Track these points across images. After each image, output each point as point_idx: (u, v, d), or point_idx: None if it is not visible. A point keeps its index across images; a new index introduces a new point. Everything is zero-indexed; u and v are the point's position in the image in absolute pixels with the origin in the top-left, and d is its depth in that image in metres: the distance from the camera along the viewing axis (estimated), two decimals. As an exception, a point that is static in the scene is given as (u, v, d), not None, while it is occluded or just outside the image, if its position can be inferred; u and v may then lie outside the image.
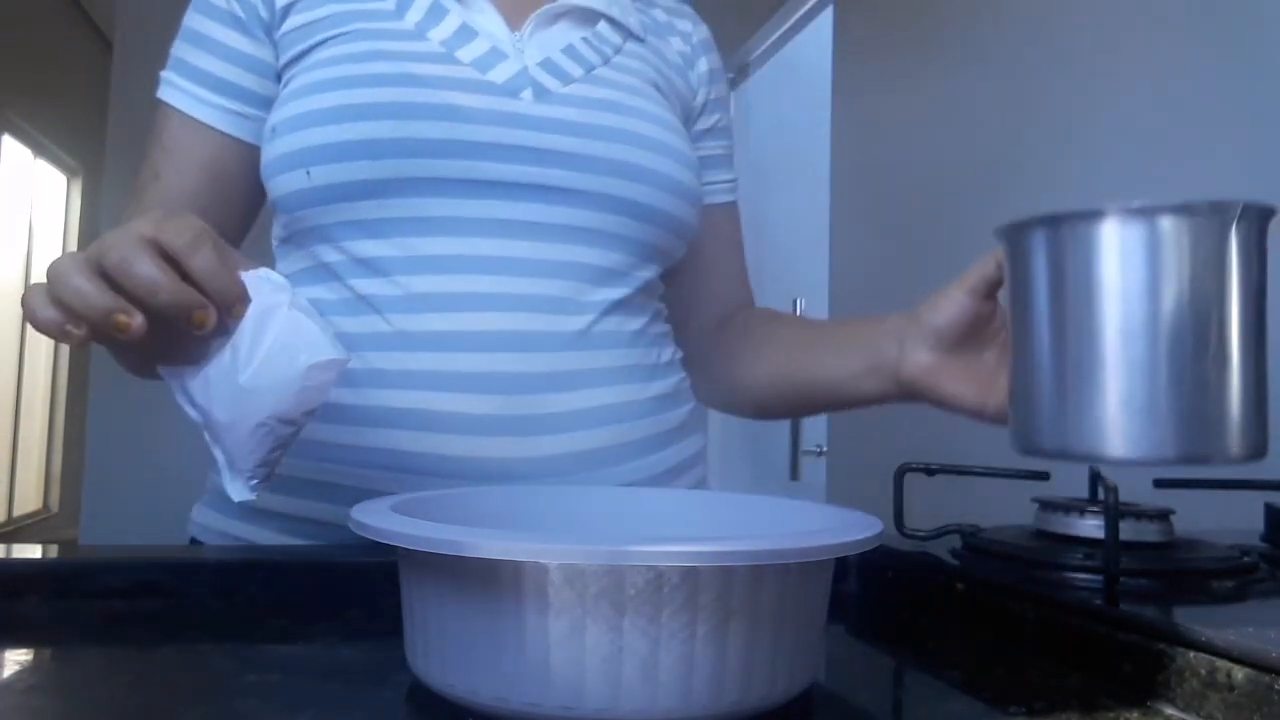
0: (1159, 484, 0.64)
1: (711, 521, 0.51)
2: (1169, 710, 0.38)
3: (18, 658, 0.45)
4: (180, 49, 0.73)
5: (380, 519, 0.37)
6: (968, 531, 0.59)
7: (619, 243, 0.71)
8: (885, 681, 0.48)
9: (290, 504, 0.67)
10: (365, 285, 0.68)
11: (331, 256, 0.69)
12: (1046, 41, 1.45)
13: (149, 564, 0.53)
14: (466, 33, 0.71)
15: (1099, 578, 0.49)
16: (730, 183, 0.89)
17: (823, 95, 2.30)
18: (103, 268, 0.46)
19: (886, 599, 0.58)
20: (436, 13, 0.71)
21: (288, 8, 0.71)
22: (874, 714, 0.42)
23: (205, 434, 0.51)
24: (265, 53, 0.72)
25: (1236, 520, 0.65)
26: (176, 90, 0.72)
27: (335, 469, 0.66)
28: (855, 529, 0.38)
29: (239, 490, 0.50)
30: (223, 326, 0.48)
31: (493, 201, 0.67)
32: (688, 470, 0.76)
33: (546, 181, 0.68)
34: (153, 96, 0.73)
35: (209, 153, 0.72)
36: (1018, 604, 0.48)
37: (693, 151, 0.77)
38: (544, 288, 0.68)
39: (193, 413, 0.50)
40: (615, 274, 0.71)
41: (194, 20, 0.73)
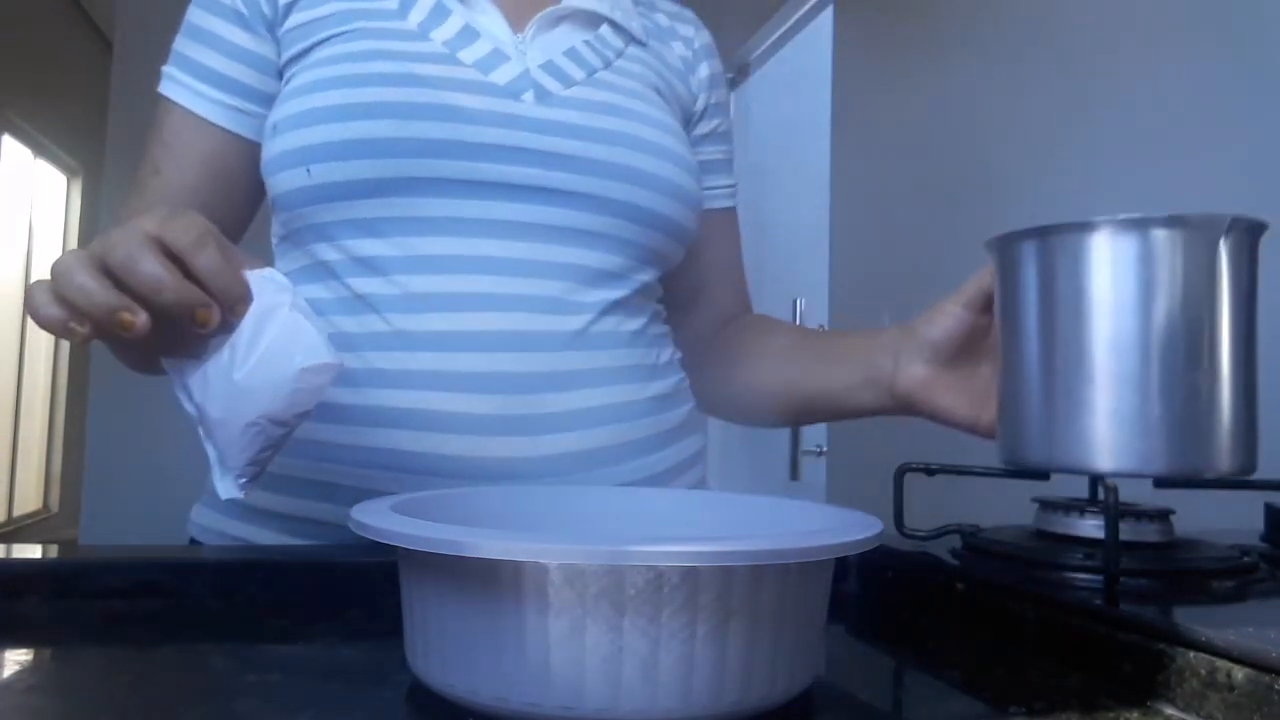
0: (1159, 484, 0.64)
1: (711, 521, 0.51)
2: (1169, 710, 0.38)
3: (18, 658, 0.45)
4: (182, 44, 0.73)
5: (380, 519, 0.37)
6: (968, 531, 0.59)
7: (618, 245, 0.71)
8: (885, 681, 0.48)
9: (290, 504, 0.67)
10: (364, 284, 0.68)
11: (330, 255, 0.69)
12: (1047, 41, 1.45)
13: (149, 564, 0.53)
14: (469, 34, 0.71)
15: (1099, 578, 0.49)
16: (730, 188, 0.89)
17: (823, 95, 2.30)
18: (107, 266, 0.46)
19: (886, 599, 0.58)
20: (439, 13, 0.71)
21: (290, 5, 0.71)
22: (874, 714, 0.42)
23: (199, 429, 0.51)
24: (267, 49, 0.72)
25: (1236, 520, 0.65)
26: (178, 85, 0.72)
27: (335, 469, 0.66)
28: (855, 529, 0.38)
29: (227, 488, 0.51)
30: (225, 325, 0.48)
31: (493, 202, 0.67)
32: (687, 470, 0.76)
33: (547, 183, 0.68)
34: (153, 97, 0.73)
35: (209, 148, 0.72)
36: (1018, 604, 0.48)
37: (693, 156, 0.77)
38: (542, 288, 0.68)
39: (189, 406, 0.50)
40: (613, 276, 0.71)
41: (196, 15, 0.73)
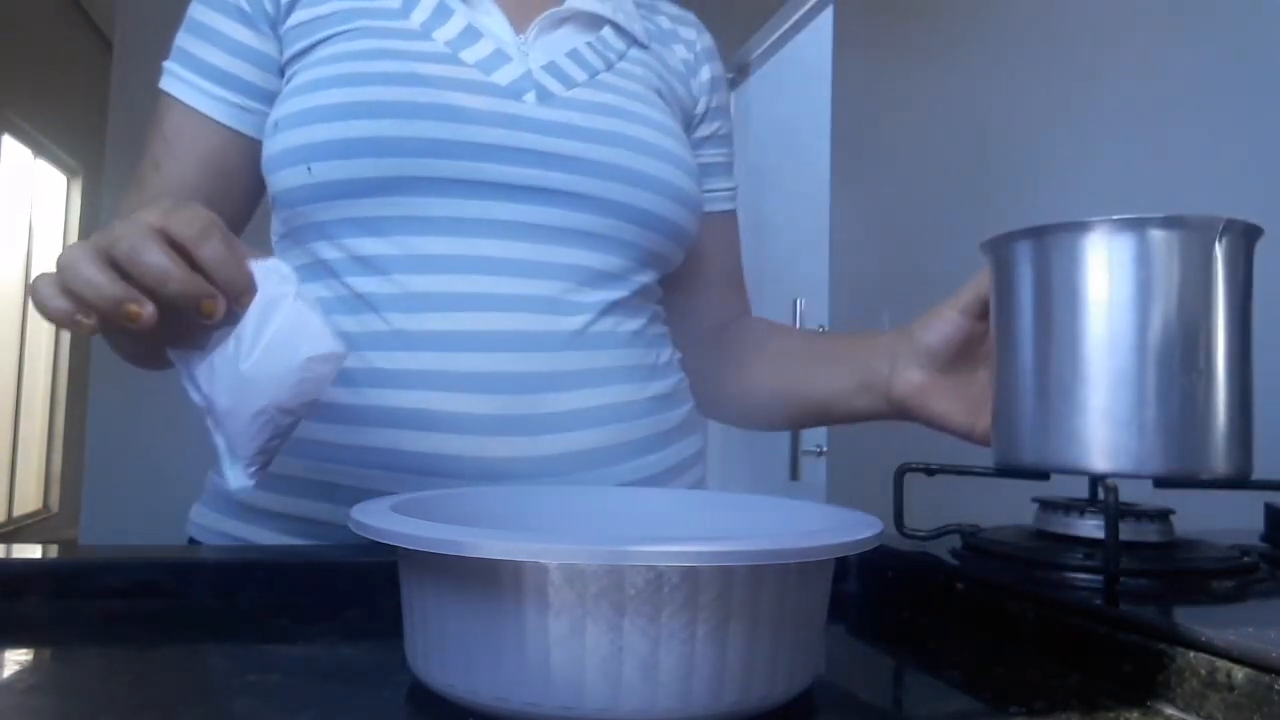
0: (1159, 484, 0.64)
1: (711, 521, 0.51)
2: (1169, 710, 0.38)
3: (18, 658, 0.45)
4: (184, 40, 0.73)
5: (380, 519, 0.37)
6: (968, 531, 0.59)
7: (618, 246, 0.71)
8: (885, 681, 0.48)
9: (290, 504, 0.67)
10: (363, 284, 0.67)
11: (330, 254, 0.69)
12: (1047, 40, 1.45)
13: (149, 564, 0.53)
14: (471, 34, 0.71)
15: (1099, 578, 0.49)
16: (730, 191, 0.89)
17: (823, 95, 2.30)
18: (112, 257, 0.46)
19: (886, 599, 0.58)
20: (442, 13, 0.71)
21: (293, 2, 0.71)
22: (874, 714, 0.42)
23: (207, 420, 0.51)
24: (269, 47, 0.72)
25: (1236, 520, 0.65)
26: (179, 81, 0.72)
27: (335, 469, 0.66)
28: (855, 529, 0.38)
29: (237, 477, 0.51)
30: (230, 316, 0.48)
31: (493, 202, 0.67)
32: (687, 470, 0.76)
33: (548, 184, 0.68)
34: (153, 97, 0.73)
35: (209, 145, 0.72)
36: (1018, 604, 0.48)
37: (693, 159, 0.77)
38: (542, 288, 0.68)
39: (196, 397, 0.51)
40: (613, 277, 0.71)
41: (198, 11, 0.73)
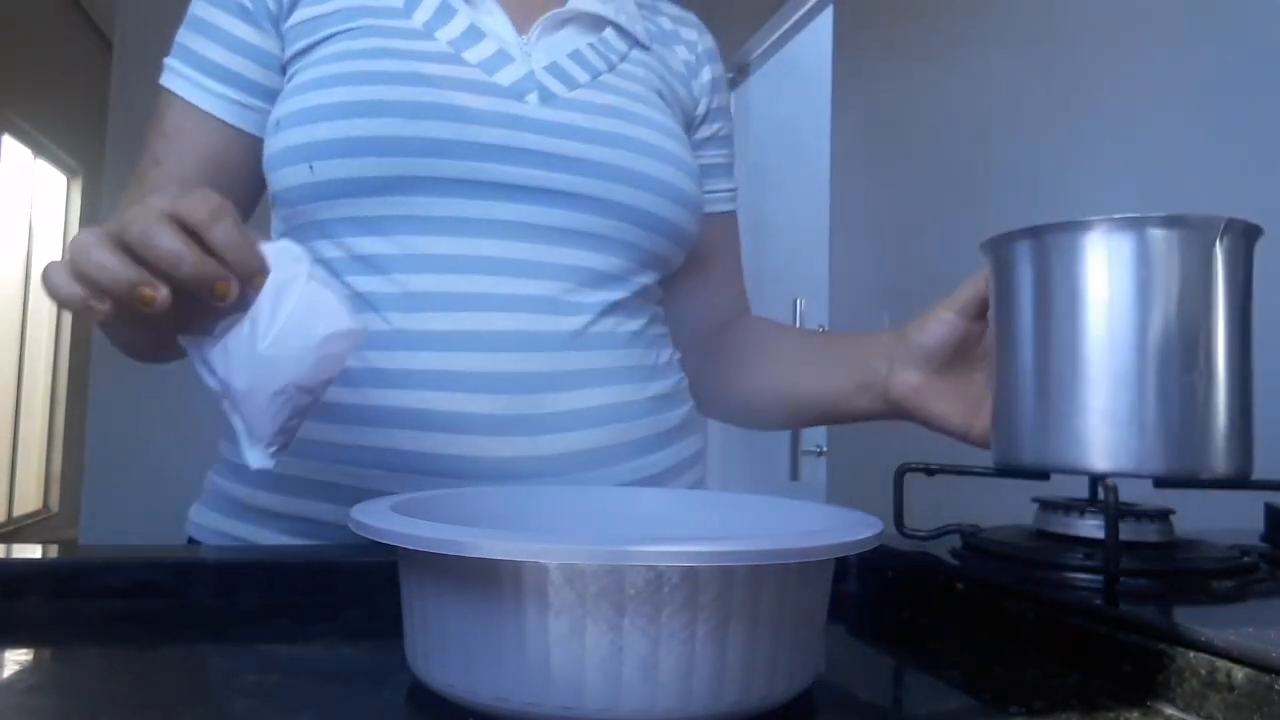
0: (1159, 484, 0.64)
1: (711, 521, 0.51)
2: (1169, 710, 0.38)
3: (18, 658, 0.45)
4: (185, 36, 0.73)
5: (380, 519, 0.37)
6: (968, 531, 0.59)
7: (619, 247, 0.71)
8: (885, 681, 0.48)
9: (290, 504, 0.67)
10: (364, 283, 0.67)
11: (330, 253, 0.69)
12: (1046, 41, 1.45)
13: (149, 564, 0.53)
14: (474, 34, 0.71)
15: (1099, 578, 0.49)
16: (730, 192, 0.89)
17: (823, 95, 2.30)
18: (125, 242, 0.46)
19: (886, 599, 0.58)
20: (445, 13, 0.71)
21: (295, 0, 0.71)
22: (874, 714, 0.42)
23: (223, 403, 0.51)
24: (271, 44, 0.72)
25: (1236, 520, 0.65)
26: (180, 78, 0.72)
27: (335, 469, 0.66)
28: (855, 529, 0.38)
29: (258, 457, 0.51)
30: (242, 299, 0.48)
31: (494, 203, 0.67)
32: (687, 470, 0.76)
33: (549, 185, 0.68)
34: (153, 97, 0.73)
35: (210, 142, 0.72)
36: (1018, 604, 0.48)
37: (694, 160, 0.77)
38: (543, 288, 0.68)
39: (212, 382, 0.50)
40: (614, 277, 0.71)
41: (200, 8, 0.73)
